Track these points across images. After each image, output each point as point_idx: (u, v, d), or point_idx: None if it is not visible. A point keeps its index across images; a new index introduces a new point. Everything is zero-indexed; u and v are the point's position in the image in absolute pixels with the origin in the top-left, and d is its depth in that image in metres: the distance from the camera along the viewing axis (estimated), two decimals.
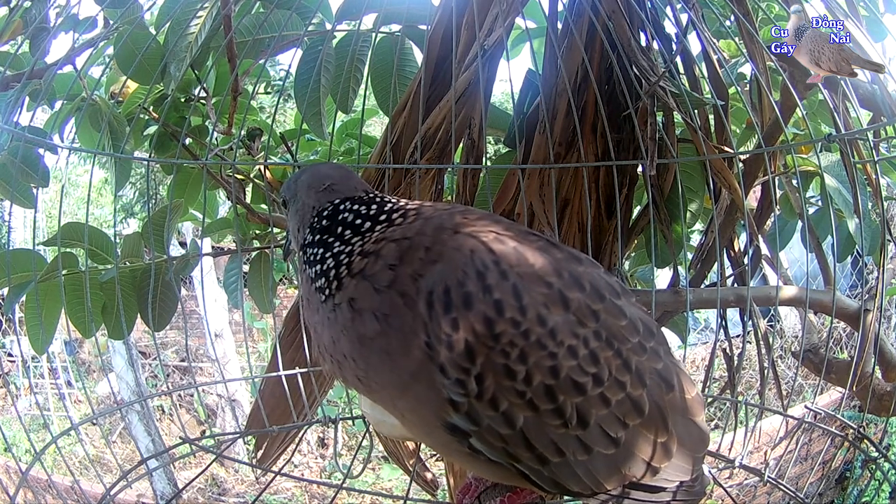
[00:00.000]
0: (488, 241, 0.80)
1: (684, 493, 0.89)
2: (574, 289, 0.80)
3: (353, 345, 0.81)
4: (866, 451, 1.37)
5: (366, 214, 0.89)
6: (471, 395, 0.76)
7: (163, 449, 1.89)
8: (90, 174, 1.97)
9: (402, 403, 0.83)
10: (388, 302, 0.78)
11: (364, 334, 0.80)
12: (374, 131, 3.90)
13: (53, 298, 1.57)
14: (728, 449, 1.41)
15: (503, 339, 0.75)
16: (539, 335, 0.76)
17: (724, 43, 1.89)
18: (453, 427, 0.79)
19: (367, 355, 0.80)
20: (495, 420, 0.77)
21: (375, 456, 4.28)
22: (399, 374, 0.79)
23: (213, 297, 5.53)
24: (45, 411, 5.73)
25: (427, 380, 0.77)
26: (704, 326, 6.41)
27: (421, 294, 0.77)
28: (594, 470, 0.81)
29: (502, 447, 0.79)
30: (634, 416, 0.82)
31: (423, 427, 0.84)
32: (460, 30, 1.47)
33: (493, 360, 0.76)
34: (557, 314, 0.78)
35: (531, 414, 0.77)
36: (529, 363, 0.76)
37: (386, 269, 0.80)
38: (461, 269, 0.77)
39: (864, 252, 1.60)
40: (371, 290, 0.80)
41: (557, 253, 0.84)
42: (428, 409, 0.79)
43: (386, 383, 0.81)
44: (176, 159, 1.62)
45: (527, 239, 0.84)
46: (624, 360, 0.81)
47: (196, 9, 1.54)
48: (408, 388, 0.79)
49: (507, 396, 0.77)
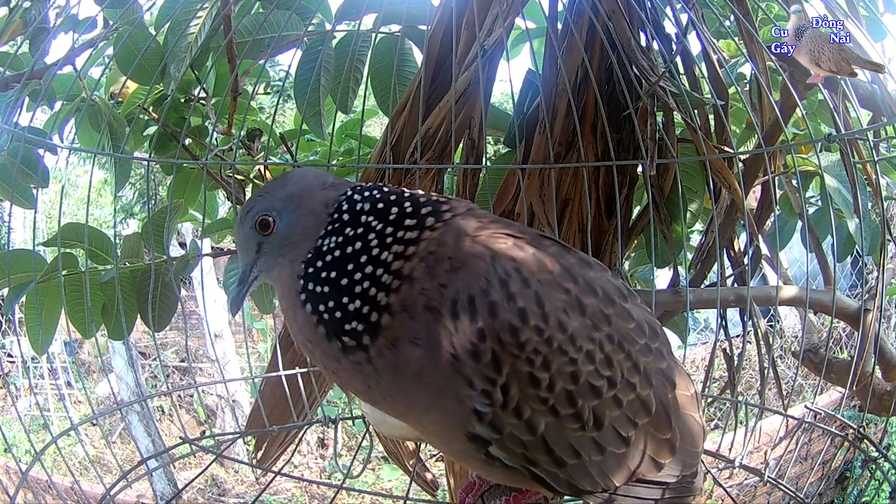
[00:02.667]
0: (507, 247, 0.79)
1: (684, 488, 0.91)
2: (589, 294, 0.81)
3: (392, 384, 0.78)
4: (866, 451, 1.38)
5: (386, 203, 0.81)
6: (496, 405, 0.76)
7: (163, 449, 1.89)
8: (90, 174, 1.97)
9: (427, 419, 0.81)
10: (423, 324, 0.76)
11: (405, 367, 0.76)
12: (374, 131, 3.90)
13: (53, 299, 1.57)
14: (728, 449, 1.41)
15: (528, 347, 0.75)
16: (560, 341, 0.77)
17: (724, 43, 1.89)
18: (474, 436, 0.78)
19: (402, 385, 0.78)
20: (518, 427, 0.77)
21: (375, 456, 4.28)
22: (428, 393, 0.77)
23: (213, 298, 5.52)
24: (45, 412, 5.73)
25: (453, 394, 0.76)
26: (704, 326, 6.40)
27: (445, 304, 0.75)
28: (606, 469, 0.83)
29: (521, 452, 0.79)
30: (643, 415, 0.83)
31: (443, 437, 0.84)
32: (460, 30, 1.47)
33: (519, 369, 0.75)
34: (575, 320, 0.78)
35: (552, 419, 0.78)
36: (552, 370, 0.76)
37: (419, 294, 0.76)
38: (484, 276, 0.76)
39: (864, 252, 1.60)
40: (408, 320, 0.76)
41: (571, 258, 0.84)
42: (452, 422, 0.79)
43: (414, 403, 0.80)
44: (176, 160, 1.62)
45: (542, 244, 0.84)
46: (634, 362, 0.82)
47: (196, 9, 1.54)
48: (433, 405, 0.78)
49: (531, 404, 0.77)
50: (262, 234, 0.86)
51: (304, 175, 0.91)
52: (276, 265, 0.86)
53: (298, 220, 0.85)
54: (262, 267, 0.88)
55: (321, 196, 0.85)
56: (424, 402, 0.78)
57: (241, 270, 0.90)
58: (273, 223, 0.85)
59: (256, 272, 0.88)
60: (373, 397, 0.82)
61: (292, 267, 0.83)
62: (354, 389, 0.84)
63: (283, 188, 0.88)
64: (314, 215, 0.84)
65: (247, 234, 0.87)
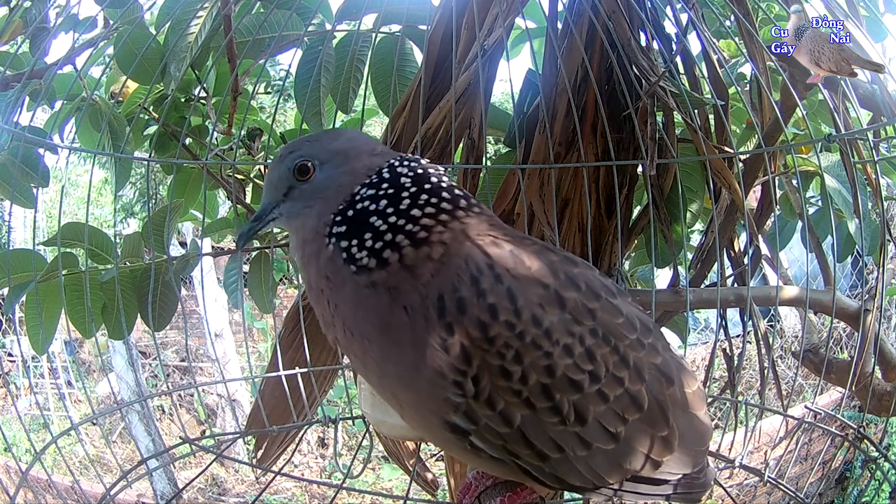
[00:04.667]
0: (484, 244, 0.81)
1: (688, 486, 0.90)
2: (570, 288, 0.81)
3: (377, 328, 0.80)
4: (866, 451, 1.38)
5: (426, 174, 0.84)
6: (468, 396, 0.77)
7: (163, 449, 1.89)
8: (90, 174, 1.97)
9: (403, 395, 0.83)
10: (419, 299, 0.78)
11: (391, 323, 0.79)
12: (374, 131, 3.90)
13: (53, 298, 1.57)
14: (728, 449, 1.41)
15: (498, 341, 0.76)
16: (534, 336, 0.77)
17: (724, 43, 1.89)
18: (454, 426, 0.80)
19: (384, 343, 0.80)
20: (493, 419, 0.78)
21: (375, 456, 4.28)
22: (406, 367, 0.79)
23: (213, 297, 5.53)
24: (45, 411, 5.73)
25: (427, 377, 0.78)
26: (704, 326, 6.40)
27: (429, 298, 0.78)
28: (594, 465, 0.83)
29: (502, 445, 0.80)
30: (633, 410, 0.83)
31: (423, 423, 0.85)
32: (460, 30, 1.47)
33: (489, 362, 0.77)
34: (553, 314, 0.79)
35: (528, 412, 0.78)
36: (525, 363, 0.77)
37: (429, 272, 0.79)
38: (456, 273, 0.78)
39: (864, 252, 1.60)
40: (412, 284, 0.79)
41: (553, 255, 0.85)
42: (428, 407, 0.80)
43: (391, 372, 0.81)
44: (176, 159, 1.62)
45: (522, 243, 0.85)
46: (622, 356, 0.82)
47: (196, 9, 1.55)
48: (411, 383, 0.80)
49: (504, 396, 0.78)
50: (298, 178, 0.86)
51: (357, 136, 0.92)
52: (301, 214, 0.87)
53: (339, 176, 0.85)
54: (286, 211, 0.88)
55: (367, 161, 0.86)
56: (401, 377, 0.80)
57: (262, 208, 0.91)
58: (313, 170, 0.86)
59: (277, 213, 0.89)
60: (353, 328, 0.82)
61: (319, 219, 0.84)
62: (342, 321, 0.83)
63: (334, 141, 0.89)
64: (354, 176, 0.85)
65: (282, 173, 0.88)
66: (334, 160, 0.86)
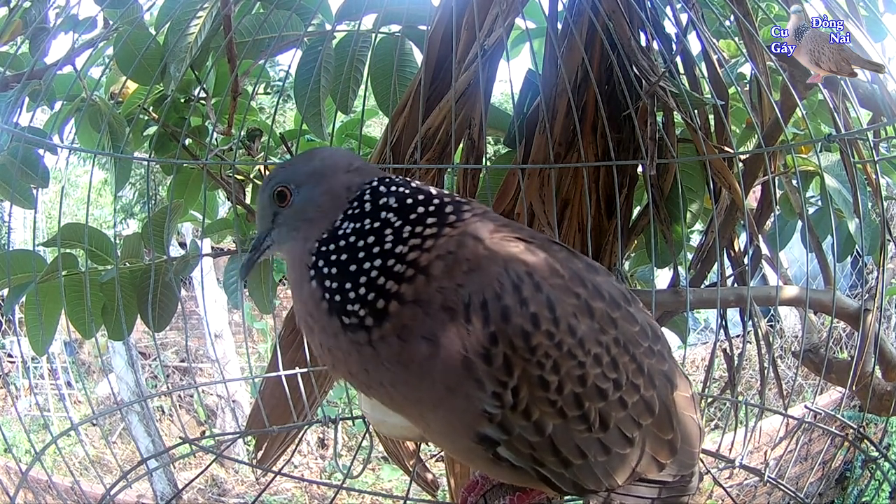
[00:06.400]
0: (520, 251, 0.80)
1: (681, 487, 0.92)
2: (597, 298, 0.82)
3: (395, 373, 0.78)
4: (866, 451, 1.38)
5: (413, 201, 0.81)
6: (506, 407, 0.77)
7: (163, 449, 1.89)
8: (90, 174, 1.97)
9: (432, 416, 0.81)
10: (438, 322, 0.76)
11: (412, 360, 0.76)
12: (374, 131, 3.90)
13: (53, 299, 1.57)
14: (728, 449, 1.41)
15: (539, 351, 0.76)
16: (570, 345, 0.77)
17: (724, 43, 1.89)
18: (483, 436, 0.79)
19: (407, 377, 0.78)
20: (526, 429, 0.78)
21: (375, 456, 4.28)
22: (436, 390, 0.77)
23: (213, 298, 5.52)
24: (45, 412, 5.72)
25: (463, 394, 0.76)
26: (704, 326, 6.40)
27: (460, 306, 0.76)
28: (611, 469, 0.84)
29: (529, 453, 0.80)
30: (647, 416, 0.85)
31: (449, 436, 0.84)
32: (460, 30, 1.47)
33: (529, 373, 0.76)
34: (584, 324, 0.79)
35: (560, 421, 0.79)
36: (562, 373, 0.77)
37: (437, 292, 0.77)
38: (497, 280, 0.77)
39: (864, 252, 1.60)
40: (422, 315, 0.76)
41: (579, 263, 0.85)
42: (460, 421, 0.79)
43: (419, 399, 0.79)
44: (176, 160, 1.62)
45: (551, 249, 0.84)
46: (638, 364, 0.83)
47: (196, 9, 1.54)
48: (441, 402, 0.78)
49: (541, 406, 0.78)
50: (278, 204, 0.87)
51: (331, 154, 0.91)
52: (289, 239, 0.87)
53: (316, 197, 0.85)
54: (276, 238, 0.89)
55: (344, 178, 0.85)
56: (432, 400, 0.78)
57: (256, 237, 0.92)
58: (290, 196, 0.86)
59: (270, 241, 0.90)
60: (368, 382, 0.81)
61: (305, 244, 0.84)
62: (347, 371, 0.82)
63: (308, 163, 0.88)
64: (333, 196, 0.84)
65: (265, 202, 0.89)
66: (310, 182, 0.86)
